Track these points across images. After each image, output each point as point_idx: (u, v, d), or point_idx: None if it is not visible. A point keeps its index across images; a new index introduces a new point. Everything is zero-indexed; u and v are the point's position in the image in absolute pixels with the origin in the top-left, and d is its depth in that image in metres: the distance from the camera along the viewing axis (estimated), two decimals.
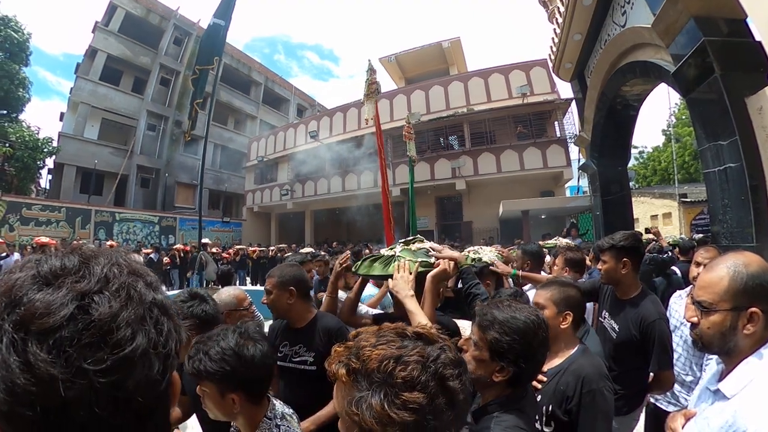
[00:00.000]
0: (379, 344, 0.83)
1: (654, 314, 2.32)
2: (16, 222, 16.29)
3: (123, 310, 0.45)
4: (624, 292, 2.50)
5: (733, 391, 1.11)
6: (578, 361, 1.74)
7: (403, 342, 0.84)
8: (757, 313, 1.10)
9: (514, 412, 1.28)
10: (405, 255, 2.20)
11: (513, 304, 1.42)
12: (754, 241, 4.39)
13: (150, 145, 25.96)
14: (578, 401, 1.61)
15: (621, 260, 2.44)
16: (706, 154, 5.04)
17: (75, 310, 0.43)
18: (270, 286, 2.26)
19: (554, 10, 8.59)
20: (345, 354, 0.84)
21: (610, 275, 2.50)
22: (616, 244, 2.46)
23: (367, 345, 0.83)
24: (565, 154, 16.52)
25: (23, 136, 18.51)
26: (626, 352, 2.39)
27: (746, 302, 1.12)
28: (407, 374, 0.78)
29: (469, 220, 18.75)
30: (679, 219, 18.11)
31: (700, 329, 1.20)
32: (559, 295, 1.90)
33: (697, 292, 1.22)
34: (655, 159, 32.59)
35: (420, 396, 0.76)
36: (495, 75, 17.99)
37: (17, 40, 19.35)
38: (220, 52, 8.39)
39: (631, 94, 7.86)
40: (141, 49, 25.45)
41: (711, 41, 4.57)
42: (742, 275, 1.14)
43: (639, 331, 2.33)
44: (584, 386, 1.63)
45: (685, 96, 5.42)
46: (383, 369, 0.78)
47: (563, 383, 1.67)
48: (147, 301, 0.49)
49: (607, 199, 9.19)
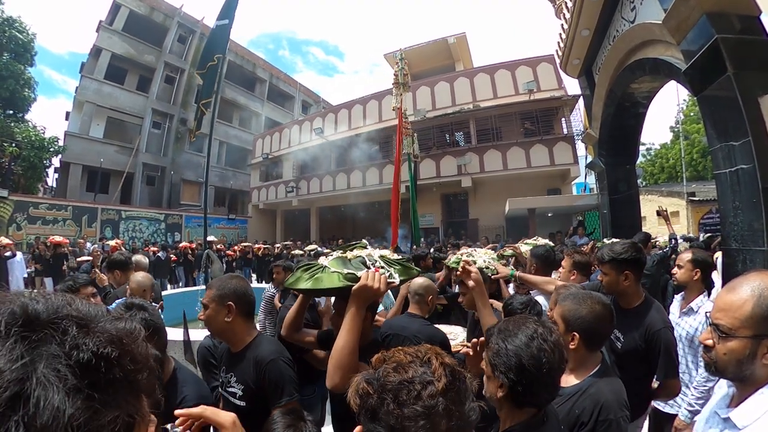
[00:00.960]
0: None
1: (659, 323, 2.30)
2: (24, 221, 16.40)
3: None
4: (627, 302, 2.45)
5: (745, 422, 1.04)
6: (598, 384, 1.66)
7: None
8: None
9: None
10: (333, 265, 1.77)
11: (518, 319, 1.41)
12: (766, 245, 4.29)
13: (155, 143, 26.05)
14: (592, 428, 1.54)
15: (622, 272, 2.40)
16: (718, 155, 4.93)
17: None
18: (207, 299, 1.91)
19: (562, 5, 8.47)
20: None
21: (611, 287, 2.46)
22: (617, 257, 2.40)
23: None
24: (572, 151, 16.37)
25: (29, 135, 18.63)
26: (631, 361, 2.35)
27: (763, 329, 1.03)
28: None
29: (475, 218, 18.65)
30: (687, 218, 17.91)
31: (716, 354, 1.11)
32: (568, 312, 1.78)
33: (715, 314, 1.13)
34: (663, 156, 32.27)
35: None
36: (501, 71, 17.84)
37: (22, 40, 19.41)
38: (223, 49, 8.35)
39: (640, 91, 7.74)
40: (145, 47, 25.49)
41: (724, 38, 4.46)
42: (764, 301, 1.03)
43: (644, 340, 2.30)
44: (601, 414, 1.55)
45: (696, 95, 5.30)
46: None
47: (579, 407, 1.59)
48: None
49: (614, 198, 9.09)
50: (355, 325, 1.59)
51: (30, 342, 0.41)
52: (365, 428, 0.82)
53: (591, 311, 1.75)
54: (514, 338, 1.31)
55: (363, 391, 0.83)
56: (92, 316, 0.47)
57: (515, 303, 2.59)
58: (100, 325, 0.46)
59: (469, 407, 0.82)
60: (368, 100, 20.77)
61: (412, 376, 0.80)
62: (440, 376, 0.80)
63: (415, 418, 0.76)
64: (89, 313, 0.47)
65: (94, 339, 0.44)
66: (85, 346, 0.42)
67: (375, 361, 0.89)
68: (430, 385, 0.78)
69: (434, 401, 0.77)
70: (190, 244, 16.11)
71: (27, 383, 0.38)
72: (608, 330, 1.84)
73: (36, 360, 0.39)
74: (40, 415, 0.37)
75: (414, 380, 0.79)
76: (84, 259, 10.75)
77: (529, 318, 1.41)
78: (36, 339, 0.41)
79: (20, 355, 0.39)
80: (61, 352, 0.41)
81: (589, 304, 1.77)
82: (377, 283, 1.63)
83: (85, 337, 0.43)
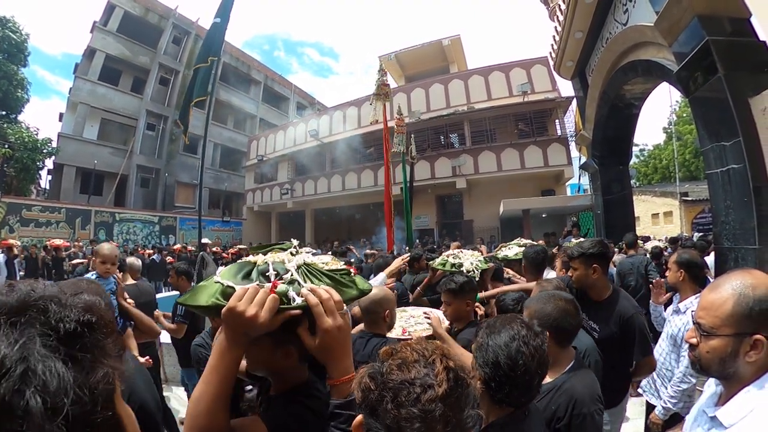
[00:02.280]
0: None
1: (630, 309, 2.50)
2: (17, 223, 16.28)
3: None
4: (598, 294, 2.63)
5: (732, 420, 1.04)
6: (572, 380, 1.72)
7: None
8: (762, 341, 1.02)
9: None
10: (225, 274, 1.10)
11: (507, 318, 1.45)
12: (757, 243, 4.35)
13: (149, 145, 25.92)
14: (568, 422, 1.60)
15: (591, 266, 2.58)
16: (709, 155, 4.99)
17: None
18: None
19: (555, 7, 8.54)
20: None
21: (581, 281, 2.64)
22: (585, 252, 2.59)
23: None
24: (566, 152, 16.47)
25: (22, 137, 18.48)
26: (608, 348, 2.43)
27: (750, 328, 1.03)
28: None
29: (470, 219, 18.70)
30: (680, 217, 18.08)
31: (699, 352, 1.12)
32: (535, 313, 1.84)
33: (698, 313, 1.15)
34: (656, 157, 32.54)
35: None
36: (495, 73, 17.94)
37: (15, 40, 19.32)
38: (218, 51, 8.34)
39: (633, 92, 7.82)
40: (140, 48, 25.38)
41: (715, 40, 4.52)
42: (748, 299, 1.04)
43: (619, 327, 2.47)
44: (575, 408, 1.61)
45: (687, 96, 5.37)
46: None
47: (555, 403, 1.65)
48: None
49: (608, 198, 9.17)
50: (219, 367, 0.98)
51: (20, 326, 0.45)
52: (365, 421, 0.83)
53: (556, 307, 1.83)
54: (497, 336, 1.35)
55: (365, 385, 0.83)
56: (60, 294, 0.52)
57: (507, 300, 2.67)
58: (69, 299, 0.52)
59: (467, 414, 0.81)
60: (363, 101, 20.79)
61: (414, 376, 0.80)
62: (442, 381, 0.79)
63: (411, 420, 0.76)
64: (55, 292, 0.52)
65: (73, 311, 0.50)
66: (67, 318, 0.48)
67: (382, 353, 0.89)
68: (431, 389, 0.78)
69: (432, 406, 0.76)
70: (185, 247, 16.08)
71: (30, 360, 0.43)
72: (575, 323, 1.90)
73: (30, 340, 0.44)
74: (50, 382, 0.42)
75: (415, 382, 0.79)
76: (78, 262, 10.72)
77: (517, 319, 1.44)
78: (24, 322, 0.46)
79: (16, 339, 0.44)
80: (48, 329, 0.46)
81: (554, 302, 1.85)
82: (253, 307, 0.95)
83: (64, 310, 0.49)
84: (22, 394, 0.40)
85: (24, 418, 0.40)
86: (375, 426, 0.79)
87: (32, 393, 0.40)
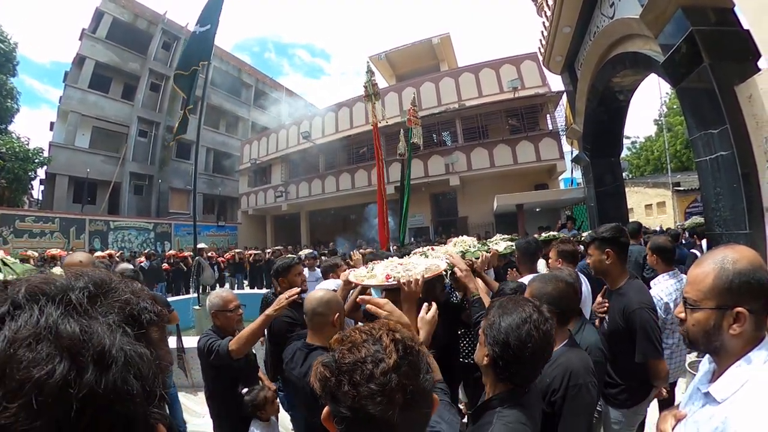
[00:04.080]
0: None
1: (635, 303, 2.36)
2: (10, 235, 16.18)
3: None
4: (612, 282, 2.57)
5: (724, 395, 1.06)
6: (566, 354, 1.79)
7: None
8: (743, 313, 1.04)
9: (516, 407, 1.33)
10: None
11: (519, 300, 1.52)
12: (748, 228, 4.42)
13: (142, 152, 25.81)
14: (563, 394, 1.66)
15: (604, 251, 2.51)
16: (698, 143, 5.06)
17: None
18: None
19: (543, 2, 8.61)
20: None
21: (596, 267, 2.59)
22: (599, 236, 2.55)
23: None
24: (557, 146, 16.56)
25: (13, 147, 18.29)
26: (617, 341, 2.41)
27: (731, 301, 1.06)
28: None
29: (465, 216, 18.77)
30: (673, 207, 18.24)
31: (686, 326, 1.16)
32: (536, 291, 1.92)
33: (686, 287, 1.18)
34: (648, 149, 32.76)
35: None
36: (485, 70, 18.01)
37: (3, 50, 19.21)
38: (208, 55, 8.34)
39: (622, 85, 7.89)
40: (129, 55, 25.27)
41: (699, 30, 4.59)
42: (728, 272, 1.07)
43: (624, 320, 2.38)
44: (571, 380, 1.67)
45: (674, 86, 5.43)
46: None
47: (549, 375, 1.70)
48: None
49: (600, 190, 9.23)
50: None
51: (107, 314, 0.48)
52: (331, 409, 0.86)
53: (556, 288, 1.91)
54: (509, 316, 1.40)
55: (321, 375, 0.86)
56: (133, 285, 0.56)
57: (506, 289, 2.68)
58: (139, 291, 0.55)
59: (423, 378, 0.85)
60: (355, 102, 20.81)
61: (364, 355, 0.83)
62: (391, 352, 0.83)
63: (372, 396, 0.79)
64: (130, 282, 0.56)
65: (147, 302, 0.54)
66: (144, 309, 0.53)
67: (333, 342, 0.92)
68: (382, 363, 0.81)
69: (387, 377, 0.80)
70: (179, 252, 16.04)
71: (126, 347, 0.46)
72: (574, 305, 1.99)
73: (117, 326, 0.47)
74: (144, 367, 0.46)
75: (366, 359, 0.82)
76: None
77: (529, 302, 1.49)
78: (107, 309, 0.49)
79: (112, 328, 0.47)
80: (131, 318, 0.50)
81: (554, 283, 1.93)
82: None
83: (140, 301, 0.53)
84: (126, 381, 0.44)
85: (130, 403, 0.43)
86: (339, 411, 0.83)
87: (133, 378, 0.44)
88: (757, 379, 1.01)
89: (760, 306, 1.05)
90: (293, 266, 3.31)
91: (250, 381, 2.86)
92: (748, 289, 1.05)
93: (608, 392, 2.46)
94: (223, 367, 2.64)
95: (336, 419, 0.85)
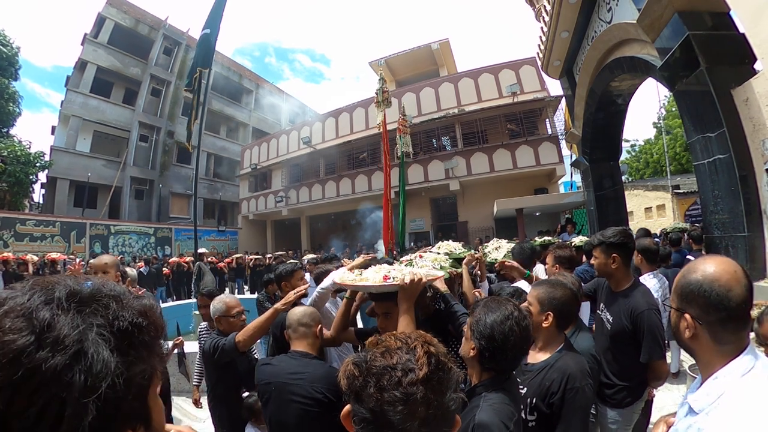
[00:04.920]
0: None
1: (643, 305, 2.38)
2: (11, 238, 16.20)
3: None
4: (617, 285, 2.58)
5: (700, 406, 1.08)
6: (564, 358, 1.88)
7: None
8: (688, 319, 1.11)
9: (499, 391, 1.47)
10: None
11: (501, 300, 1.65)
12: (746, 230, 4.44)
13: (143, 157, 25.87)
14: (561, 396, 1.75)
15: (610, 255, 2.53)
16: (696, 147, 5.10)
17: None
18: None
19: (541, 8, 8.67)
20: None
21: (601, 270, 2.61)
22: (605, 241, 2.55)
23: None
24: (557, 150, 16.59)
25: (15, 150, 18.34)
26: (621, 343, 2.45)
27: (681, 306, 1.14)
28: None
29: (465, 220, 18.79)
30: (672, 210, 18.24)
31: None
32: (544, 295, 2.01)
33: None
34: (647, 152, 32.78)
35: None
36: (485, 75, 18.07)
37: (6, 54, 19.27)
38: (208, 62, 8.41)
39: (620, 89, 7.94)
40: (131, 60, 25.41)
41: (696, 35, 4.64)
42: (684, 280, 1.14)
43: (630, 322, 2.40)
44: (568, 383, 1.76)
45: (672, 90, 5.48)
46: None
47: (548, 379, 1.81)
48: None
49: (600, 194, 9.26)
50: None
51: (83, 314, 0.53)
52: (353, 408, 0.88)
53: (564, 294, 2.01)
54: (493, 314, 1.55)
55: (350, 372, 0.89)
56: (124, 294, 0.61)
57: (504, 294, 2.71)
58: (129, 300, 0.60)
59: (449, 397, 0.85)
60: (355, 107, 20.89)
61: (396, 362, 0.85)
62: (423, 365, 0.84)
63: (394, 404, 0.80)
64: (121, 291, 0.61)
65: (129, 312, 0.58)
66: (123, 317, 0.56)
67: (369, 343, 0.95)
68: (411, 373, 0.82)
69: (414, 389, 0.81)
70: (182, 258, 16.05)
71: (85, 343, 0.50)
72: (575, 311, 2.11)
73: (88, 327, 0.52)
74: (95, 365, 0.50)
75: (397, 367, 0.84)
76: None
77: (510, 302, 1.63)
78: (87, 312, 0.54)
79: (78, 324, 0.52)
80: (106, 322, 0.54)
81: (561, 289, 2.03)
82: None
83: (122, 310, 0.57)
84: (70, 369, 0.48)
85: (66, 388, 0.47)
86: (360, 411, 0.85)
87: (78, 370, 0.48)
88: (732, 393, 1.02)
89: (715, 319, 1.07)
90: (296, 271, 3.37)
91: (252, 386, 2.89)
92: (692, 298, 1.11)
93: (605, 393, 2.48)
94: (226, 369, 2.67)
95: (355, 419, 0.87)
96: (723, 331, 1.07)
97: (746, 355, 1.07)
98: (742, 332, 1.09)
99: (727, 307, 1.06)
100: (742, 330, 1.08)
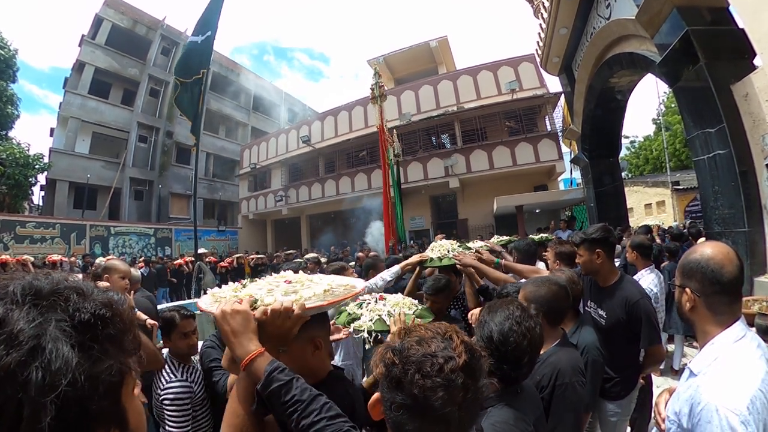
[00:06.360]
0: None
1: (636, 294, 2.49)
2: (11, 240, 16.18)
3: None
4: (604, 280, 2.66)
5: (699, 368, 1.26)
6: (557, 354, 1.87)
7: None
8: (688, 293, 1.30)
9: (504, 408, 1.37)
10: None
11: (505, 300, 1.61)
12: (746, 225, 4.44)
13: (142, 157, 25.82)
14: (551, 391, 1.74)
15: (594, 251, 2.61)
16: (695, 142, 5.09)
17: None
18: None
19: (539, 4, 8.65)
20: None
21: (587, 267, 2.68)
22: (588, 237, 2.63)
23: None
24: (556, 147, 16.59)
25: (13, 153, 18.26)
26: (617, 336, 2.50)
27: (683, 281, 1.33)
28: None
29: (465, 218, 18.78)
30: (672, 206, 18.26)
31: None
32: (530, 294, 2.00)
33: None
34: (647, 148, 32.78)
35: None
36: (483, 72, 18.05)
37: (3, 56, 19.20)
38: (207, 62, 8.38)
39: (619, 85, 7.93)
40: (129, 60, 25.34)
41: (695, 30, 4.63)
42: (685, 259, 1.35)
43: (626, 312, 2.47)
44: (558, 379, 1.75)
45: (671, 85, 5.47)
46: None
47: (539, 374, 1.78)
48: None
49: (600, 191, 9.26)
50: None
51: (40, 308, 0.51)
52: (384, 396, 0.90)
53: (549, 291, 1.99)
54: (494, 314, 1.50)
55: (389, 360, 0.90)
56: (87, 287, 0.58)
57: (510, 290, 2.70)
58: (94, 293, 0.57)
59: (482, 383, 0.89)
60: (353, 106, 20.86)
61: (435, 350, 0.87)
62: (461, 352, 0.87)
63: (436, 389, 0.82)
64: (84, 285, 0.58)
65: (91, 303, 0.54)
66: (84, 309, 0.53)
67: (398, 332, 0.97)
68: (452, 360, 0.85)
69: (454, 375, 0.84)
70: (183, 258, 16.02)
71: (42, 338, 0.48)
72: (565, 306, 2.09)
73: (46, 321, 0.49)
74: (54, 362, 0.47)
75: (437, 354, 0.86)
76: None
77: (514, 301, 1.59)
78: (45, 305, 0.51)
79: (34, 318, 0.49)
80: (66, 315, 0.51)
81: (547, 286, 2.01)
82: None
83: (84, 302, 0.54)
84: (26, 366, 0.45)
85: (23, 387, 0.45)
86: (400, 398, 0.86)
87: (35, 367, 0.46)
88: (726, 356, 1.21)
89: (711, 291, 1.26)
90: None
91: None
92: (690, 272, 1.31)
93: (603, 387, 2.50)
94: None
95: (393, 406, 0.87)
96: (718, 303, 1.26)
97: (738, 324, 1.26)
98: (735, 305, 1.28)
99: (720, 281, 1.25)
100: (734, 303, 1.28)
